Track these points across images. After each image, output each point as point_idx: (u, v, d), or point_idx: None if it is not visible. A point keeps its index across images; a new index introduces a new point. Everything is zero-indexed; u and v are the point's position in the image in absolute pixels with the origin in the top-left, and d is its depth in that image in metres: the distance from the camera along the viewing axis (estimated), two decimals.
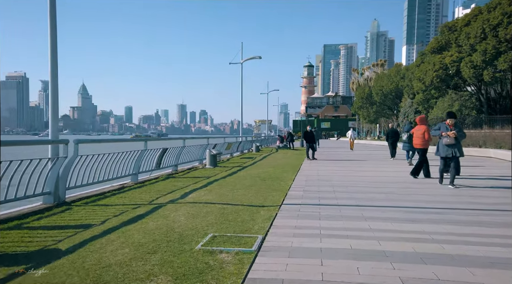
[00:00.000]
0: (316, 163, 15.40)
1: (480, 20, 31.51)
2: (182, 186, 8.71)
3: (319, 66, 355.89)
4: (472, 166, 13.62)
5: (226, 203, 6.45)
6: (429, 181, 9.51)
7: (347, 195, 7.31)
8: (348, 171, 12.14)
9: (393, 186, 8.64)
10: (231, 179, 9.97)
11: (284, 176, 10.86)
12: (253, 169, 12.92)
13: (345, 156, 20.49)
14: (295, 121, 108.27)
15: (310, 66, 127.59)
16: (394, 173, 11.70)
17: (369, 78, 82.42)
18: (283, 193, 7.66)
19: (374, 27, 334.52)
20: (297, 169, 12.86)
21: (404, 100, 51.60)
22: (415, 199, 6.89)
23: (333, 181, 9.61)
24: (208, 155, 13.85)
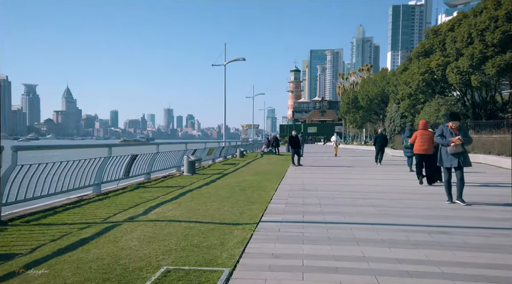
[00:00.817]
0: (302, 170, 14.55)
1: (466, 25, 31.35)
2: (150, 197, 7.71)
3: (306, 71, 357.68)
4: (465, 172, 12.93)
5: (194, 221, 5.49)
6: (422, 190, 8.73)
7: (334, 209, 6.43)
8: (335, 179, 11.31)
9: (384, 196, 7.80)
10: (207, 189, 9.01)
11: (266, 185, 9.95)
12: (233, 177, 11.98)
13: (331, 162, 19.72)
14: (281, 126, 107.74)
15: (297, 71, 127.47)
16: (383, 181, 10.91)
17: (355, 83, 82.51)
18: (263, 206, 6.74)
19: (360, 33, 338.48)
20: (281, 177, 11.97)
21: (390, 105, 51.44)
22: (412, 213, 6.05)
23: (319, 190, 8.74)
24: (186, 161, 12.86)
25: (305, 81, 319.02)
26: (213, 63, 22.84)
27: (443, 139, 6.90)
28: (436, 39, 35.95)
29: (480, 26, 29.77)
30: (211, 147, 17.90)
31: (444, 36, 34.99)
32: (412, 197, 7.74)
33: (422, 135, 9.56)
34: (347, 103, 66.25)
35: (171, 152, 12.54)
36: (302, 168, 15.25)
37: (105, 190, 8.57)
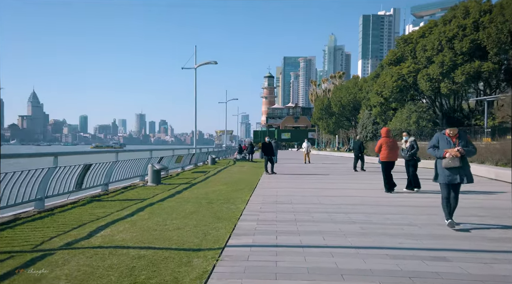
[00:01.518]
0: (276, 178, 13.80)
1: (436, 33, 31.88)
2: (101, 214, 6.70)
3: (280, 78, 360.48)
4: None
5: (147, 246, 4.58)
6: (405, 203, 8.15)
7: (312, 227, 5.67)
8: (312, 189, 10.61)
9: (366, 210, 7.14)
10: (170, 203, 8.06)
11: (236, 196, 9.11)
12: (202, 187, 11.06)
13: (306, 169, 19.12)
14: (255, 132, 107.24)
15: (271, 76, 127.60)
16: (362, 191, 10.31)
17: (327, 90, 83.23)
18: (231, 224, 5.90)
19: (332, 41, 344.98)
20: (254, 187, 11.17)
21: (362, 112, 51.92)
22: (399, 232, 5.38)
23: (294, 203, 7.99)
24: (150, 170, 11.82)
25: (278, 87, 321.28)
26: (183, 66, 21.89)
27: (435, 151, 5.70)
28: (407, 47, 36.46)
29: (449, 34, 30.31)
30: (179, 154, 16.87)
31: (415, 44, 35.52)
32: (396, 211, 7.11)
33: (387, 143, 9.66)
34: (320, 109, 66.57)
35: (133, 160, 11.47)
36: (276, 177, 14.51)
37: (51, 205, 7.47)
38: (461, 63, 29.14)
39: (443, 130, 5.86)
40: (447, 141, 5.65)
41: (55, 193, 7.57)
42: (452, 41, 30.26)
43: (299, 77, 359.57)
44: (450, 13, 33.21)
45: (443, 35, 30.88)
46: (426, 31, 35.23)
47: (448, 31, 30.52)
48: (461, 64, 29.09)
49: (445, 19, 33.34)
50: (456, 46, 29.60)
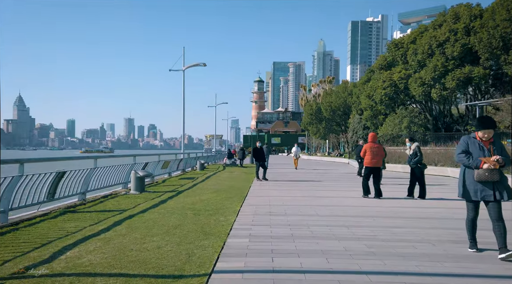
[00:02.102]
0: (267, 185, 13.11)
1: (427, 37, 31.71)
2: (73, 229, 5.91)
3: (269, 83, 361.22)
4: (442, 192, 12.07)
5: (118, 273, 3.83)
6: (409, 213, 7.53)
7: (312, 245, 4.98)
8: (307, 198, 9.93)
9: (370, 223, 6.48)
10: (152, 214, 7.30)
11: (226, 206, 8.39)
12: (189, 195, 10.30)
13: (299, 175, 18.48)
14: (245, 136, 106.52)
15: (261, 81, 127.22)
16: (360, 199, 9.66)
17: (317, 95, 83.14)
18: (219, 241, 5.18)
19: (321, 47, 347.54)
20: (244, 195, 10.45)
21: (352, 117, 51.71)
22: (413, 251, 4.71)
23: (289, 214, 7.30)
24: (133, 177, 11.02)
25: (268, 92, 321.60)
26: (170, 68, 21.07)
27: (468, 159, 4.42)
28: (397, 52, 36.28)
29: (440, 39, 30.14)
30: (166, 160, 16.07)
31: (406, 49, 35.35)
32: (402, 224, 6.46)
33: (371, 149, 9.52)
34: (310, 114, 66.27)
35: (114, 167, 10.66)
36: (267, 183, 13.81)
37: (16, 219, 6.64)
38: (452, 69, 28.93)
39: (472, 133, 4.75)
40: (480, 147, 4.45)
41: (22, 204, 6.75)
42: (443, 46, 30.09)
43: (288, 82, 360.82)
44: (440, 18, 33.13)
45: (434, 39, 30.70)
46: (417, 36, 35.09)
47: (439, 36, 30.35)
48: (452, 69, 28.88)
49: (435, 24, 33.25)
50: (448, 50, 29.42)
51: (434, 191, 11.64)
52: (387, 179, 15.48)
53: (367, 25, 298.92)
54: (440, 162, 20.40)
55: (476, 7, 30.52)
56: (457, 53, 28.75)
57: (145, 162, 12.96)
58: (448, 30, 29.98)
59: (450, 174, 17.81)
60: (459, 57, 29.02)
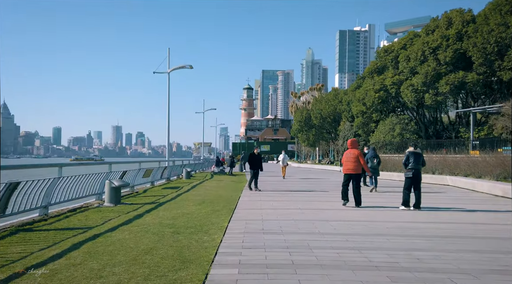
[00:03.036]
0: (258, 196, 11.95)
1: (420, 43, 31.22)
2: (16, 256, 4.67)
3: (258, 91, 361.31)
4: (452, 202, 11.08)
5: None
6: (427, 230, 6.47)
7: (323, 280, 3.85)
8: (304, 211, 8.80)
9: (383, 244, 5.38)
10: (122, 234, 6.07)
11: (212, 221, 7.22)
12: (170, 208, 9.08)
13: (291, 184, 17.37)
14: (234, 144, 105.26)
15: (250, 88, 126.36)
16: (363, 212, 8.59)
17: (307, 102, 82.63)
18: (201, 272, 4.01)
19: (309, 55, 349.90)
20: (233, 207, 9.29)
21: (342, 124, 51.06)
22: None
23: (286, 233, 6.16)
24: (107, 187, 9.77)
25: (257, 100, 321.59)
26: (155, 70, 19.86)
27: None
28: (388, 57, 35.80)
29: (433, 44, 29.66)
30: (148, 168, 14.80)
31: (396, 54, 34.85)
32: (423, 245, 5.37)
33: (349, 154, 9.32)
34: (300, 121, 65.55)
35: (84, 176, 9.38)
36: (258, 194, 12.65)
37: None
38: (445, 73, 28.40)
39: None
40: None
41: None
42: (436, 52, 29.59)
43: (277, 90, 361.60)
44: (432, 24, 32.73)
45: (427, 45, 30.20)
46: (407, 42, 34.68)
47: (432, 41, 29.86)
48: (445, 74, 28.35)
49: (427, 30, 32.85)
50: (440, 56, 28.90)
51: (441, 201, 10.66)
52: (383, 187, 14.49)
53: (355, 35, 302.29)
54: (437, 170, 19.53)
55: (468, 13, 30.18)
56: (450, 58, 28.25)
57: (122, 170, 11.68)
58: (440, 36, 29.53)
59: (450, 182, 16.89)
60: (451, 63, 28.53)
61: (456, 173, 17.92)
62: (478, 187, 13.67)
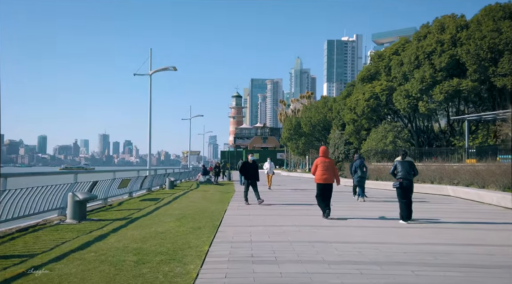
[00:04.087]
0: (247, 209, 10.66)
1: (413, 47, 30.50)
2: None
3: (247, 99, 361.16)
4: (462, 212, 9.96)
5: None
6: (460, 258, 5.27)
7: None
8: (300, 227, 7.54)
9: (413, 280, 4.14)
10: (69, 266, 4.71)
11: (190, 243, 5.91)
12: (143, 226, 7.73)
13: (283, 195, 16.10)
14: (223, 152, 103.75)
15: (239, 96, 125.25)
16: (370, 230, 7.36)
17: (296, 110, 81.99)
18: None
19: (298, 64, 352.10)
20: (218, 223, 7.98)
21: (332, 132, 50.23)
22: None
23: (282, 259, 4.89)
24: (70, 201, 8.36)
25: (246, 109, 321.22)
26: (135, 72, 18.41)
27: None
28: (381, 63, 35.06)
29: (427, 49, 28.96)
30: (125, 178, 13.35)
31: (388, 60, 34.14)
32: (458, 279, 4.15)
33: (323, 163, 8.92)
34: (289, 129, 64.61)
35: (41, 189, 7.97)
36: (247, 207, 11.34)
37: None
38: (440, 80, 27.66)
39: None
40: None
41: None
42: (430, 57, 28.89)
43: (266, 98, 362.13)
44: (423, 30, 32.09)
45: (421, 49, 29.48)
46: (399, 48, 34.00)
47: (426, 46, 29.17)
48: (440, 81, 27.61)
49: (418, 36, 32.20)
50: (435, 61, 28.19)
51: (452, 214, 9.52)
52: (378, 197, 13.37)
53: (343, 44, 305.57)
54: (435, 179, 18.51)
55: (461, 18, 29.64)
56: (445, 64, 27.52)
57: (92, 181, 10.26)
58: (435, 41, 28.84)
59: (451, 192, 15.86)
60: (446, 69, 27.81)
61: (455, 182, 16.92)
62: (486, 198, 12.60)
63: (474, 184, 15.71)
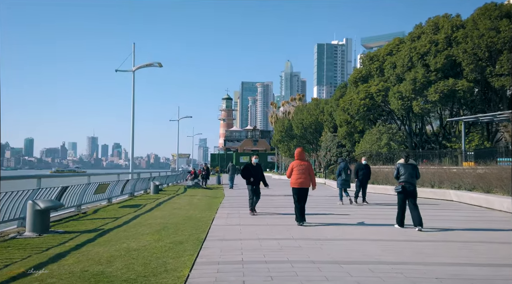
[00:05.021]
0: (237, 218, 9.50)
1: (406, 49, 29.79)
2: None
3: (238, 102, 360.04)
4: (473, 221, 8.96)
5: None
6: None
7: None
8: (299, 241, 6.41)
9: None
10: None
11: (167, 264, 4.73)
12: (113, 240, 6.52)
13: (275, 201, 14.98)
14: (213, 155, 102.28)
15: (229, 98, 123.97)
16: (383, 244, 6.28)
17: (287, 112, 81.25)
18: None
19: (288, 68, 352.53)
20: (203, 237, 6.80)
21: (324, 134, 49.39)
22: None
23: None
24: (29, 210, 7.12)
25: (236, 111, 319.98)
26: (117, 69, 17.05)
27: None
28: (372, 65, 34.31)
29: (421, 50, 28.25)
30: (101, 182, 12.07)
31: (381, 61, 33.41)
32: None
33: (298, 166, 8.45)
34: (281, 131, 63.69)
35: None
36: (237, 216, 10.19)
37: None
38: (435, 81, 26.93)
39: None
40: None
41: None
42: (424, 58, 28.17)
43: (257, 101, 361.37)
44: (417, 30, 31.44)
45: (414, 51, 28.77)
46: (394, 48, 33.29)
47: (420, 47, 28.45)
48: (435, 81, 26.87)
49: (412, 36, 31.52)
50: (430, 62, 27.47)
51: (466, 223, 8.51)
52: (377, 201, 12.35)
53: (332, 48, 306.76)
54: (435, 183, 17.56)
55: (456, 18, 29.02)
56: (441, 64, 26.80)
57: (61, 186, 9.00)
58: (428, 41, 28.14)
59: (454, 197, 14.92)
60: (441, 69, 27.11)
61: (456, 186, 15.98)
62: (496, 204, 11.64)
63: (478, 188, 14.79)
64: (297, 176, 8.40)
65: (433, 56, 27.38)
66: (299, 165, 8.50)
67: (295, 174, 8.45)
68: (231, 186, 22.33)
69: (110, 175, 14.52)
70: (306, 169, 8.45)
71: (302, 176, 8.36)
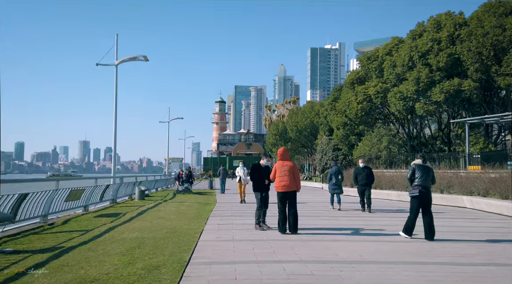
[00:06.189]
0: (231, 231, 8.05)
1: (406, 48, 28.65)
2: None
3: (231, 106, 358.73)
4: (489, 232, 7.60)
5: None
6: None
7: None
8: (309, 265, 4.98)
9: None
10: None
11: None
12: (66, 267, 5.02)
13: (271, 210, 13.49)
14: (206, 159, 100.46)
15: (222, 102, 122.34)
16: (422, 268, 4.88)
17: (281, 115, 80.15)
18: None
19: (281, 72, 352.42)
20: (186, 259, 5.34)
21: (320, 137, 48.12)
22: None
23: None
24: None
25: (230, 115, 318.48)
26: (98, 62, 15.45)
27: None
28: (371, 65, 33.14)
29: (423, 48, 27.11)
30: (74, 188, 10.54)
31: (380, 61, 32.26)
32: None
33: (281, 167, 7.59)
34: (275, 135, 62.45)
35: None
36: (230, 228, 8.74)
37: None
38: (439, 81, 25.77)
39: None
40: None
41: None
42: (425, 57, 27.03)
43: (250, 105, 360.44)
44: (419, 28, 30.34)
45: (415, 49, 27.62)
46: (393, 48, 32.16)
47: (421, 46, 27.31)
48: (439, 81, 25.72)
49: (413, 34, 30.41)
50: (432, 61, 26.32)
51: (492, 235, 7.14)
52: (382, 208, 10.98)
53: (326, 52, 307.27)
54: (444, 188, 16.24)
55: (459, 16, 27.95)
56: (443, 63, 25.66)
57: (18, 193, 7.47)
58: (430, 39, 27.02)
59: (467, 204, 13.62)
60: (445, 68, 25.97)
61: (467, 191, 14.68)
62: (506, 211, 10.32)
63: (492, 194, 13.51)
64: (280, 178, 7.55)
65: (435, 55, 26.25)
66: (282, 166, 7.63)
67: (278, 176, 7.59)
68: (222, 190, 20.99)
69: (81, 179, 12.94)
70: (290, 170, 7.57)
71: (286, 178, 7.50)
